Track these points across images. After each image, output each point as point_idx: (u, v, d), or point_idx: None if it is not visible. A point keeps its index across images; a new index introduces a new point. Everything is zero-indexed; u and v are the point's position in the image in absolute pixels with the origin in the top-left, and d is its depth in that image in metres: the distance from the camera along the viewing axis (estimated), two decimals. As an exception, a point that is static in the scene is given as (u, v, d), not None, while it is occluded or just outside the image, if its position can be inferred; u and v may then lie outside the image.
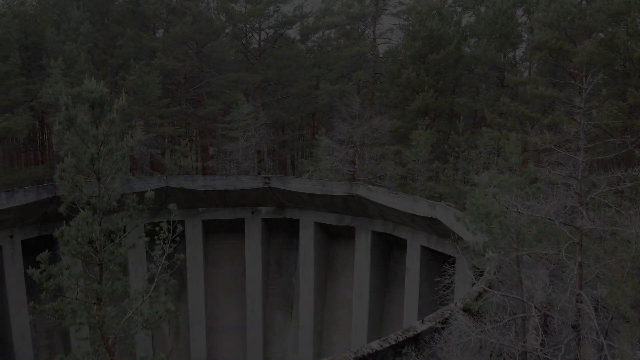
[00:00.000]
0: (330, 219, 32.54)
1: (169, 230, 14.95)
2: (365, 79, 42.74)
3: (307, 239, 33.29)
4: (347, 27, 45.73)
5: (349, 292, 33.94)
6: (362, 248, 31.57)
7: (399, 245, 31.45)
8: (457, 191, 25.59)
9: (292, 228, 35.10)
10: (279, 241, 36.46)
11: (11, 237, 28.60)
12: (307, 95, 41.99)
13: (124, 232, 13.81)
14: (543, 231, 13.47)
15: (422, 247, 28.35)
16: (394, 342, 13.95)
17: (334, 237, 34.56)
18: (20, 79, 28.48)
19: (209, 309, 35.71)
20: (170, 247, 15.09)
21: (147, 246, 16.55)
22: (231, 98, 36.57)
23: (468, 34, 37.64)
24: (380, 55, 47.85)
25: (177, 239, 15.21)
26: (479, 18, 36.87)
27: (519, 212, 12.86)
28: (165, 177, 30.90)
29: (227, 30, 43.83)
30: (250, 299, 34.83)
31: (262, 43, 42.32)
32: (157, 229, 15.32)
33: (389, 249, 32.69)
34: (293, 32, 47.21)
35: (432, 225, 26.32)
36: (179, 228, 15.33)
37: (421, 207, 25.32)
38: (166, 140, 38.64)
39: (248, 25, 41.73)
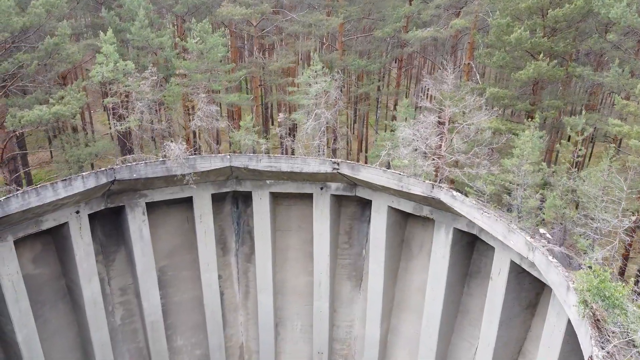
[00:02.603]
0: (406, 206, 29.06)
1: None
2: (465, 28, 35.54)
3: (379, 221, 30.34)
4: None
5: (423, 276, 31.46)
6: (441, 243, 28.25)
7: (485, 246, 27.85)
8: (570, 220, 20.78)
9: (364, 202, 32.23)
10: (349, 211, 33.84)
11: (77, 212, 28.19)
12: (393, 39, 35.91)
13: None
14: None
15: (513, 262, 24.60)
16: None
17: (411, 217, 31.32)
18: (70, 49, 25.85)
19: (276, 274, 35.01)
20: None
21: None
22: (305, 48, 31.84)
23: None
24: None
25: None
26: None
27: None
28: (229, 157, 28.44)
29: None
30: (318, 267, 33.46)
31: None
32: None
33: (472, 244, 29.14)
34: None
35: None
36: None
37: (517, 242, 21.24)
38: (233, 111, 35.40)
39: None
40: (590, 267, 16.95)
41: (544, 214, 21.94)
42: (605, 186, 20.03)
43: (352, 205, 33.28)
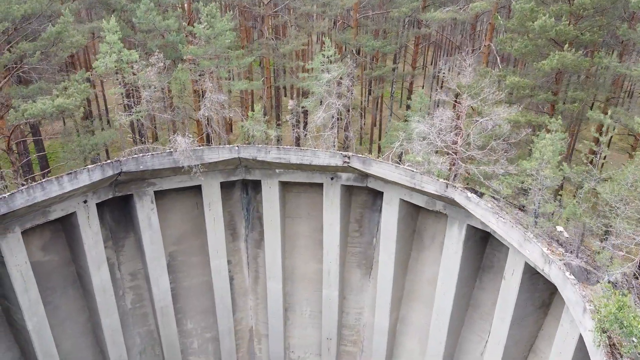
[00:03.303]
0: (418, 200, 28.29)
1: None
2: (485, 11, 33.63)
3: (390, 213, 29.69)
4: None
5: (435, 268, 30.98)
6: (454, 239, 27.58)
7: (499, 241, 27.11)
8: (589, 231, 19.83)
9: (376, 191, 31.48)
10: (360, 200, 33.17)
11: (85, 202, 27.91)
12: (410, 18, 34.18)
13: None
14: None
15: (527, 264, 23.91)
16: None
17: (423, 209, 30.59)
18: (74, 38, 24.83)
19: (286, 260, 34.79)
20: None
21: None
22: (319, 28, 30.46)
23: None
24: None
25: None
26: None
27: None
28: (237, 148, 27.74)
29: None
30: (328, 256, 33.13)
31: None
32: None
33: (485, 238, 28.44)
34: None
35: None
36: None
37: (533, 252, 20.45)
38: (243, 98, 34.23)
39: None
40: (611, 286, 16.21)
41: (560, 221, 21.08)
42: (629, 194, 19.01)
43: (364, 194, 32.60)
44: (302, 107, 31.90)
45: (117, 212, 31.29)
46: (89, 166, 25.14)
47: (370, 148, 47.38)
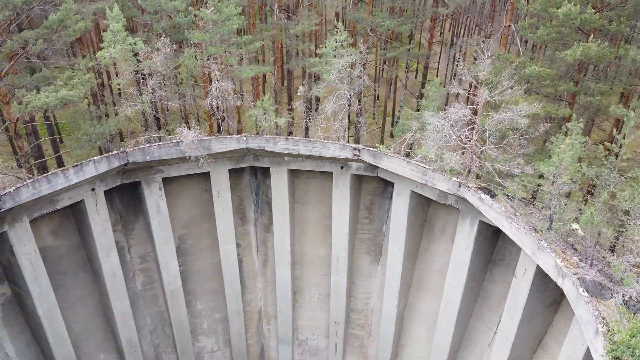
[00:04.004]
0: (430, 193, 27.63)
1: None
2: None
3: (401, 204, 29.13)
4: None
5: (445, 259, 30.65)
6: (465, 234, 27.05)
7: (511, 239, 26.54)
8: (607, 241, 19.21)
9: (386, 180, 30.85)
10: (370, 187, 32.60)
11: (93, 190, 27.73)
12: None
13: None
14: None
15: (539, 266, 23.39)
16: None
17: (434, 201, 29.97)
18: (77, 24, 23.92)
19: (295, 244, 34.65)
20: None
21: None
22: (332, 7, 29.11)
23: None
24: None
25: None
26: None
27: None
28: (245, 138, 27.13)
29: None
30: (337, 244, 32.89)
31: None
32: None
33: (497, 232, 27.85)
34: None
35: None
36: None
37: (546, 262, 19.89)
38: (253, 85, 33.06)
39: None
40: (625, 308, 15.72)
41: (577, 228, 20.42)
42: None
43: (374, 181, 31.99)
44: (312, 94, 30.97)
45: (127, 196, 31.13)
46: (95, 158, 24.79)
47: (383, 123, 46.14)
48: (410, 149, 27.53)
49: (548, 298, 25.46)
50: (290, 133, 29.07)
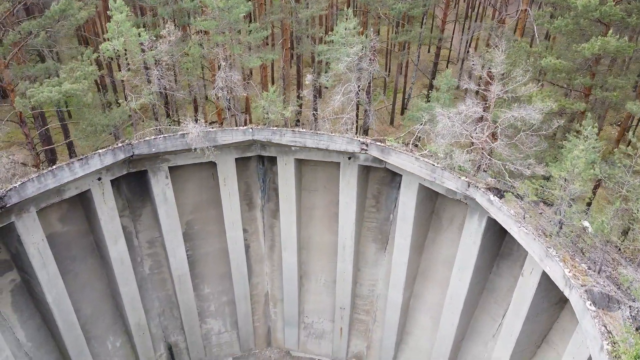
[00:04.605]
0: (438, 187, 27.22)
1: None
2: None
3: (409, 196, 28.81)
4: None
5: (452, 250, 30.47)
6: (473, 230, 26.77)
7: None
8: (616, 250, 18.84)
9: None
10: (378, 176, 32.24)
11: (99, 179, 27.65)
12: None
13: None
14: None
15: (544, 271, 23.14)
16: None
17: (442, 195, 29.61)
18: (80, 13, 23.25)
19: (301, 230, 34.65)
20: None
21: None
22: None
23: None
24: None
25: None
26: None
27: None
28: (251, 130, 26.71)
29: None
30: (343, 230, 32.76)
31: None
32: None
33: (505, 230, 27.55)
34: None
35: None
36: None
37: (554, 271, 19.61)
38: (262, 73, 32.11)
39: None
40: (631, 324, 15.53)
41: (588, 226, 20.08)
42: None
43: (382, 171, 31.58)
44: (320, 85, 30.25)
45: (134, 183, 31.04)
46: (100, 151, 24.60)
47: (394, 101, 45.15)
48: (419, 140, 26.95)
49: (554, 297, 25.28)
50: (297, 122, 28.45)
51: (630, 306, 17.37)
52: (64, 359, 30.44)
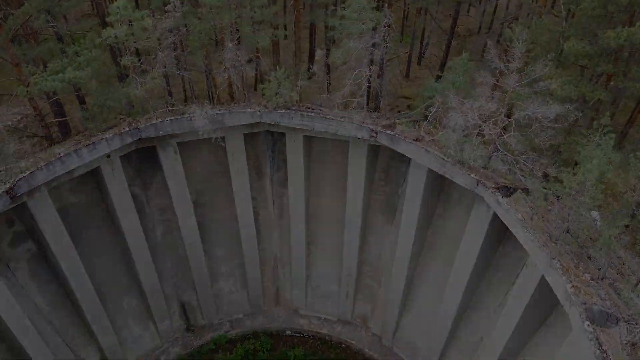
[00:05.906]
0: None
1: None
2: None
3: (417, 177, 28.53)
4: None
5: (460, 226, 30.51)
6: (481, 216, 26.61)
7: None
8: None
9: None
10: (387, 152, 31.78)
11: (108, 156, 27.68)
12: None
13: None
14: None
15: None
16: None
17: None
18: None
19: (310, 199, 34.86)
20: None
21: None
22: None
23: None
24: None
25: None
26: None
27: None
28: (259, 113, 26.17)
29: None
30: (351, 199, 32.82)
31: None
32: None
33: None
34: None
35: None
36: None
37: (557, 283, 19.66)
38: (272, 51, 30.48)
39: None
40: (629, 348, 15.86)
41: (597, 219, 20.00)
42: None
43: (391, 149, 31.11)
44: (330, 63, 29.10)
45: (143, 155, 31.03)
46: (107, 136, 24.42)
47: (411, 49, 43.20)
48: (426, 118, 26.12)
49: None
50: (306, 106, 27.60)
51: (627, 326, 17.60)
52: (82, 320, 31.99)
